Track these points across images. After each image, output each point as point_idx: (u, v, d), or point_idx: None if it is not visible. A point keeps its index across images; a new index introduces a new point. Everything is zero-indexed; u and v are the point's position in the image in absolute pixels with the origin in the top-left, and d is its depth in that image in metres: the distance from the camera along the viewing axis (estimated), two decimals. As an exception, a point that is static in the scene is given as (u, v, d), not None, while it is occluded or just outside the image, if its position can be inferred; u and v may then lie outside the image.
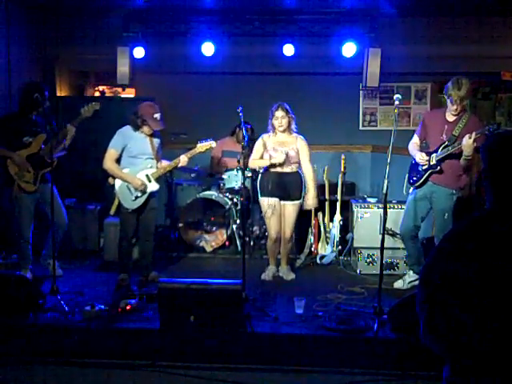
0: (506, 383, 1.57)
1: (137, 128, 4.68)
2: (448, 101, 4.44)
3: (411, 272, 4.88)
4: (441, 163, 4.49)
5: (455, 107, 4.40)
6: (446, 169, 4.50)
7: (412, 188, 4.70)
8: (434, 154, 4.53)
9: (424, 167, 4.57)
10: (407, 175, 4.76)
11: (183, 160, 4.79)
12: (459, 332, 1.59)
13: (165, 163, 4.85)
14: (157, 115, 4.66)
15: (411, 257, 4.85)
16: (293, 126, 4.98)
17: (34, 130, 4.82)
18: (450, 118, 4.52)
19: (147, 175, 4.73)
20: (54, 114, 4.89)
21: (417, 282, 4.82)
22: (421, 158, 4.53)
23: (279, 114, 4.87)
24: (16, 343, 3.73)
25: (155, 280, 4.70)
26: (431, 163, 4.52)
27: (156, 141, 4.82)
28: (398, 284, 4.91)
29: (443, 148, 4.47)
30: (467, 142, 4.19)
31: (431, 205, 4.64)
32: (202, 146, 4.82)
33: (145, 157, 4.73)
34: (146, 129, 4.69)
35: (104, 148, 4.72)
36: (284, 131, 4.93)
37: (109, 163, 4.67)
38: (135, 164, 4.70)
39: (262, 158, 5.02)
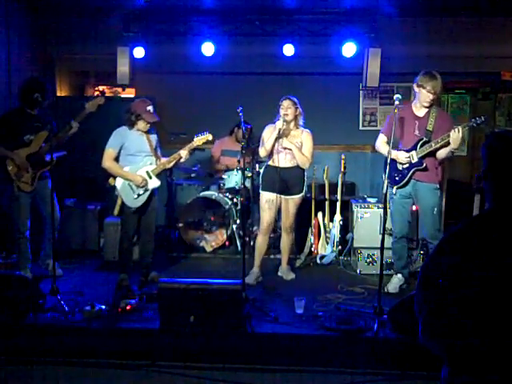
0: (505, 383, 1.57)
1: (132, 125, 4.68)
2: (421, 93, 4.47)
3: (400, 275, 4.80)
4: (422, 160, 4.51)
5: (430, 98, 4.45)
6: (427, 165, 4.53)
7: (395, 188, 4.63)
8: (413, 152, 4.52)
9: (405, 166, 4.56)
10: (386, 176, 4.38)
11: (184, 154, 4.77)
12: (458, 332, 1.59)
13: (164, 160, 4.85)
14: (149, 108, 4.66)
15: (401, 259, 4.80)
16: (300, 121, 4.96)
17: (36, 125, 4.81)
18: (420, 113, 4.56)
19: (147, 172, 4.73)
20: (54, 114, 4.88)
21: (406, 285, 4.80)
22: (404, 157, 4.51)
23: (286, 103, 4.85)
24: (16, 343, 3.74)
25: (155, 280, 4.70)
26: (413, 161, 4.52)
27: (153, 137, 4.82)
28: (391, 288, 4.77)
29: (422, 144, 4.49)
30: (456, 136, 4.23)
31: (416, 203, 4.64)
32: (199, 140, 4.81)
33: (143, 154, 4.73)
34: (141, 124, 4.68)
35: (104, 148, 4.72)
36: (290, 123, 4.91)
37: (108, 162, 4.67)
38: (134, 162, 4.70)
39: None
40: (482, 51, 6.67)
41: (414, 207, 4.93)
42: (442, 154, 4.49)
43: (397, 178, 4.62)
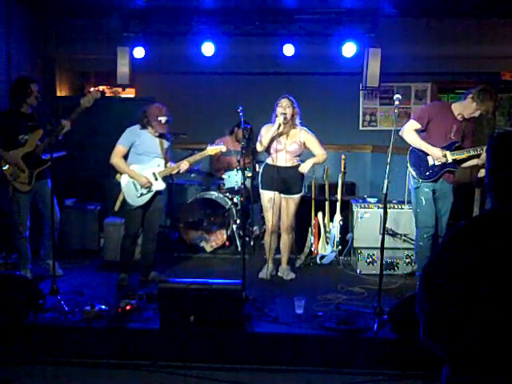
0: (506, 383, 1.57)
1: (143, 127, 4.72)
2: (470, 107, 4.46)
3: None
4: (455, 163, 4.56)
5: (477, 115, 4.50)
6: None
7: (421, 181, 4.63)
8: (447, 152, 4.52)
9: (438, 163, 4.55)
10: (414, 168, 4.66)
11: (183, 167, 4.81)
12: (459, 332, 1.59)
13: (171, 165, 4.85)
14: (162, 118, 4.65)
15: (424, 255, 4.67)
16: (297, 121, 4.96)
17: (30, 124, 4.78)
18: (459, 117, 4.58)
19: (154, 173, 4.74)
20: (54, 114, 4.88)
21: None
22: (441, 154, 4.50)
23: (284, 102, 4.85)
24: (16, 343, 3.73)
25: (155, 280, 4.70)
26: (448, 161, 4.53)
27: (165, 142, 4.84)
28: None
29: (457, 148, 4.52)
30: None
31: (437, 199, 4.66)
32: (212, 150, 4.85)
33: (152, 155, 4.74)
34: (150, 129, 4.71)
35: (104, 148, 4.73)
36: (287, 123, 4.90)
37: (116, 159, 4.68)
38: (142, 161, 4.72)
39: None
40: (482, 51, 6.67)
41: None
42: (467, 163, 4.60)
43: (427, 173, 4.61)
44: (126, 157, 4.74)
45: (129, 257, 4.87)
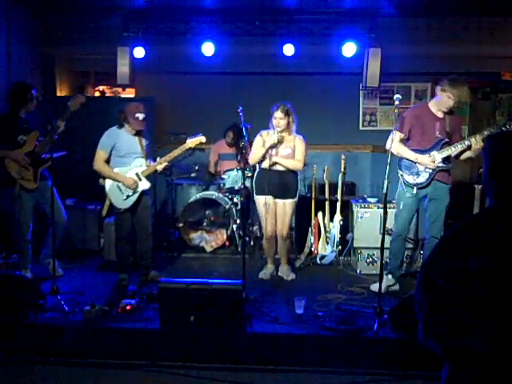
0: (504, 383, 1.57)
1: (120, 126, 4.71)
2: (444, 99, 4.41)
3: (390, 276, 4.72)
4: (445, 161, 4.49)
5: (452, 105, 4.42)
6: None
7: (416, 189, 4.55)
8: (434, 152, 4.47)
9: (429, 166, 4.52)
10: (404, 177, 4.58)
11: (160, 165, 4.78)
12: (457, 332, 1.59)
13: (152, 164, 4.85)
14: (139, 115, 4.65)
15: (397, 259, 4.73)
16: (293, 128, 4.94)
17: (26, 127, 4.79)
18: (440, 114, 4.53)
19: (137, 173, 4.74)
20: (54, 114, 4.88)
21: (395, 287, 4.72)
22: (429, 160, 4.45)
23: (278, 115, 4.84)
24: (16, 343, 3.74)
25: (155, 280, 4.70)
26: (437, 162, 4.46)
27: (144, 140, 4.83)
28: (375, 287, 4.62)
29: (444, 145, 4.45)
30: (479, 147, 4.26)
31: (430, 202, 4.58)
32: (192, 142, 4.85)
33: (134, 156, 4.74)
34: (127, 127, 4.71)
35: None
36: (283, 132, 4.91)
37: (99, 164, 4.68)
38: (125, 163, 4.72)
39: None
40: (482, 51, 6.68)
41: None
42: (463, 157, 4.53)
43: (419, 180, 4.53)
44: (108, 159, 4.73)
45: (126, 257, 4.87)
